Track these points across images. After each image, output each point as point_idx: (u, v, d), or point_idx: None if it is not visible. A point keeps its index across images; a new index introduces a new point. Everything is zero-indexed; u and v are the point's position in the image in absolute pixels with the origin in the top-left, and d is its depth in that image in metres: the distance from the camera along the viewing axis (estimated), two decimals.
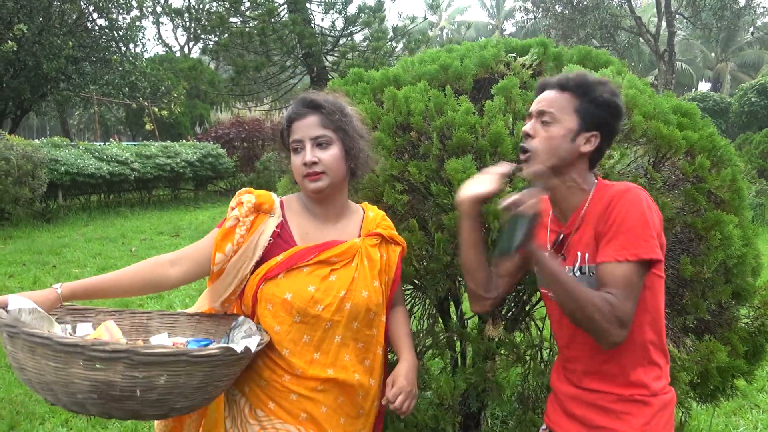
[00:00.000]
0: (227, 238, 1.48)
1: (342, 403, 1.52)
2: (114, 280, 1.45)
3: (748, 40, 38.16)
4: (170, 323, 1.67)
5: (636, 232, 1.30)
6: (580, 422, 1.44)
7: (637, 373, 1.39)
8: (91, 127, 34.84)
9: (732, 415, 3.37)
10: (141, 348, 1.23)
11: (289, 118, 1.52)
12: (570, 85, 1.42)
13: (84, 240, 8.84)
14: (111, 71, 17.39)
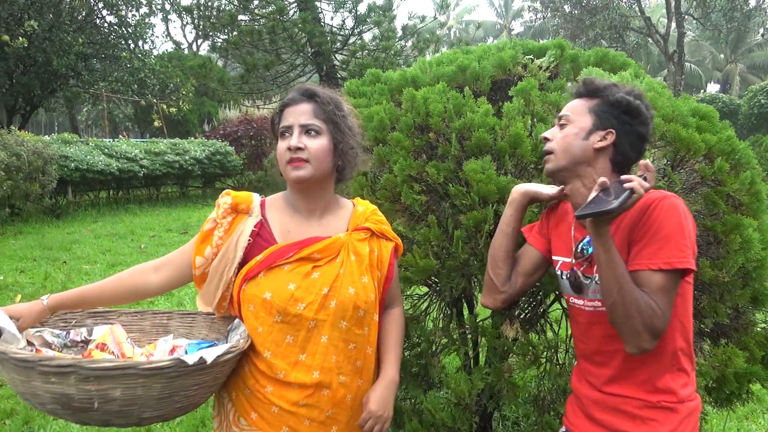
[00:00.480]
0: (206, 241, 1.47)
1: (335, 415, 1.46)
2: (98, 289, 1.48)
3: (758, 42, 37.95)
4: (189, 323, 1.69)
5: (672, 241, 1.29)
6: (602, 426, 1.44)
7: (665, 380, 1.39)
8: (99, 124, 34.98)
9: (744, 419, 3.36)
10: (87, 362, 1.22)
11: (283, 104, 1.50)
12: (584, 89, 1.49)
13: (93, 236, 8.88)
14: (120, 68, 17.44)
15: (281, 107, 1.50)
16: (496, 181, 1.85)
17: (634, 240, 1.34)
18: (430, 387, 2.07)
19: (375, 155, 2.14)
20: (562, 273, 1.52)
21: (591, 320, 1.45)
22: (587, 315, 1.46)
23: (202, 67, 14.70)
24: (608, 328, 1.37)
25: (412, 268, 1.92)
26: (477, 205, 1.88)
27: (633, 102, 1.43)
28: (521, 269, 1.63)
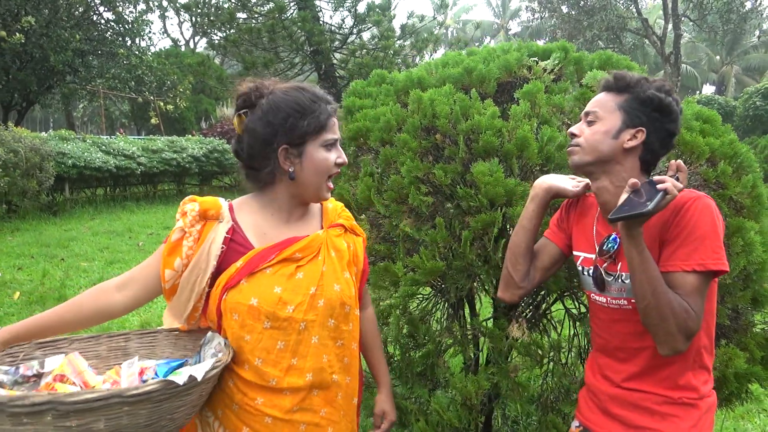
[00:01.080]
0: (175, 252, 1.37)
1: (328, 414, 1.45)
2: (58, 315, 1.35)
3: (753, 44, 38.13)
4: (149, 343, 1.55)
5: (707, 242, 1.29)
6: (619, 422, 1.45)
7: (687, 377, 1.40)
8: (94, 121, 34.86)
9: (740, 419, 3.40)
10: (64, 396, 1.11)
11: (329, 114, 1.43)
12: (615, 83, 1.45)
13: (91, 233, 8.87)
14: (117, 65, 17.41)
15: (326, 117, 1.42)
16: (504, 183, 1.87)
17: (667, 240, 1.33)
18: (435, 387, 2.10)
19: (381, 156, 2.16)
20: (584, 269, 1.52)
21: (614, 317, 1.45)
22: (610, 312, 1.46)
23: (201, 65, 14.68)
24: (634, 326, 1.39)
25: (419, 269, 1.94)
26: (485, 207, 1.90)
27: (665, 99, 1.40)
28: (540, 264, 1.63)
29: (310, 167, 1.42)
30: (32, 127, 36.19)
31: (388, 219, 2.11)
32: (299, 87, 1.44)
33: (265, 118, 1.40)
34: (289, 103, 1.40)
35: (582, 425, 1.58)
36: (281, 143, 1.40)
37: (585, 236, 1.53)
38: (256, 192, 1.49)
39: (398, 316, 2.00)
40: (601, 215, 1.51)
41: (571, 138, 1.48)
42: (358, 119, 2.28)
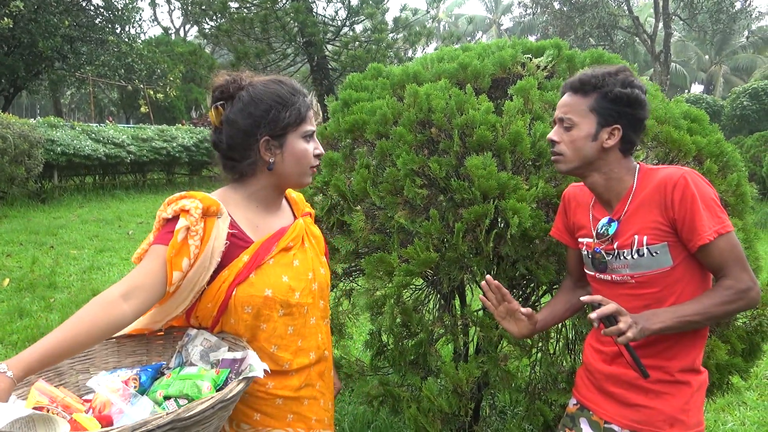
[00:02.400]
0: (182, 252, 1.32)
1: (320, 387, 1.55)
2: (70, 337, 1.19)
3: (742, 44, 38.48)
4: (83, 356, 1.42)
5: (715, 209, 1.40)
6: (615, 399, 1.54)
7: (690, 356, 1.49)
8: (82, 108, 34.49)
9: (721, 411, 3.49)
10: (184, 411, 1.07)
11: (307, 106, 1.47)
12: (581, 85, 1.51)
13: (80, 221, 8.84)
14: (107, 52, 17.25)
15: (306, 109, 1.46)
16: (497, 177, 1.92)
17: (677, 219, 1.41)
18: (427, 375, 2.15)
19: (377, 149, 2.19)
20: (587, 253, 1.60)
21: (618, 292, 1.51)
22: (614, 286, 1.53)
23: (192, 54, 14.58)
24: (637, 300, 1.48)
25: (413, 260, 1.98)
26: (478, 200, 1.94)
27: (632, 94, 1.47)
28: (577, 271, 1.73)
29: (291, 158, 1.44)
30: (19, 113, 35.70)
31: (383, 210, 2.15)
32: (278, 80, 1.47)
33: (246, 109, 1.41)
34: (271, 95, 1.42)
35: (579, 403, 1.66)
36: (263, 134, 1.41)
37: (585, 223, 1.61)
38: (233, 184, 1.50)
39: (392, 305, 2.04)
40: (597, 202, 1.59)
41: (551, 145, 1.56)
42: (354, 112, 2.31)
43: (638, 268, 1.47)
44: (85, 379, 1.40)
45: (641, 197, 1.48)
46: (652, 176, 1.48)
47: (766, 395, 3.75)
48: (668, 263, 1.44)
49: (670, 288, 1.46)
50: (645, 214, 1.46)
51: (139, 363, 1.47)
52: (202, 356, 1.39)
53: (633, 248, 1.47)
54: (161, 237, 1.35)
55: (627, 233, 1.49)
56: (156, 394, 1.29)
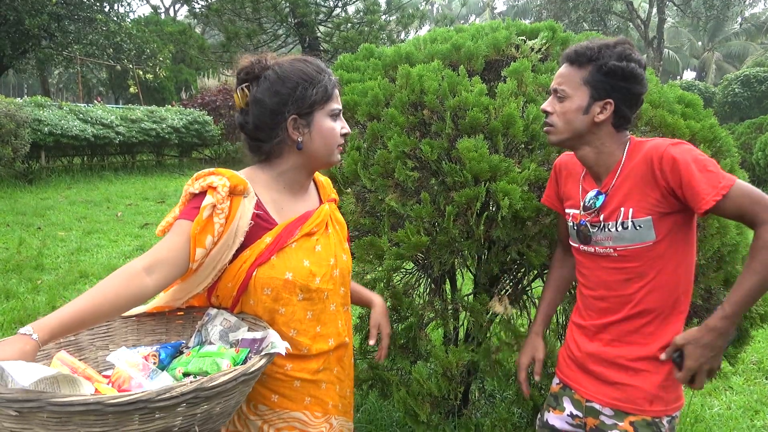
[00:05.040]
0: (206, 230, 1.31)
1: (338, 373, 1.55)
2: (94, 306, 1.18)
3: (735, 31, 38.49)
4: (104, 333, 1.44)
5: (710, 170, 1.35)
6: (597, 378, 1.55)
7: (670, 334, 1.48)
8: (70, 87, 34.05)
9: (708, 395, 3.52)
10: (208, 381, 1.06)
11: (334, 84, 1.45)
12: (576, 57, 1.49)
13: (68, 203, 8.75)
14: (95, 31, 16.93)
15: (332, 87, 1.44)
16: (488, 159, 1.89)
17: (676, 187, 1.37)
18: (417, 359, 2.14)
19: (369, 131, 2.16)
20: (573, 224, 1.60)
21: (602, 264, 1.53)
22: (597, 259, 1.54)
23: (182, 34, 14.37)
24: (620, 273, 1.49)
25: (404, 243, 1.96)
26: (469, 183, 1.92)
27: (627, 67, 1.44)
28: (567, 239, 1.72)
29: (319, 137, 1.43)
30: (5, 92, 35.18)
31: (374, 193, 2.13)
32: (303, 59, 1.45)
33: (272, 88, 1.40)
34: (297, 72, 1.41)
35: (562, 382, 1.67)
36: (291, 113, 1.40)
37: (574, 194, 1.61)
38: (260, 164, 1.48)
39: (382, 289, 2.03)
40: (587, 174, 1.58)
41: (545, 115, 1.56)
42: (346, 93, 2.27)
43: (621, 241, 1.47)
44: (104, 355, 1.40)
45: (628, 170, 1.47)
46: (639, 148, 1.47)
47: (753, 380, 3.79)
48: (651, 238, 1.44)
49: (651, 263, 1.46)
50: (632, 187, 1.46)
51: (159, 342, 1.47)
52: (221, 336, 1.40)
53: (618, 220, 1.47)
54: (187, 212, 1.34)
55: (613, 205, 1.48)
56: (175, 371, 1.29)
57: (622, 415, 1.50)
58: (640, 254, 1.46)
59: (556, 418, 1.66)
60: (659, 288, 1.47)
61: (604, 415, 1.53)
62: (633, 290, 1.49)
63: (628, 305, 1.50)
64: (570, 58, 1.50)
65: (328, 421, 1.52)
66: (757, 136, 13.57)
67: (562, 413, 1.64)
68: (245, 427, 1.46)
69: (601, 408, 1.54)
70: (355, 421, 2.84)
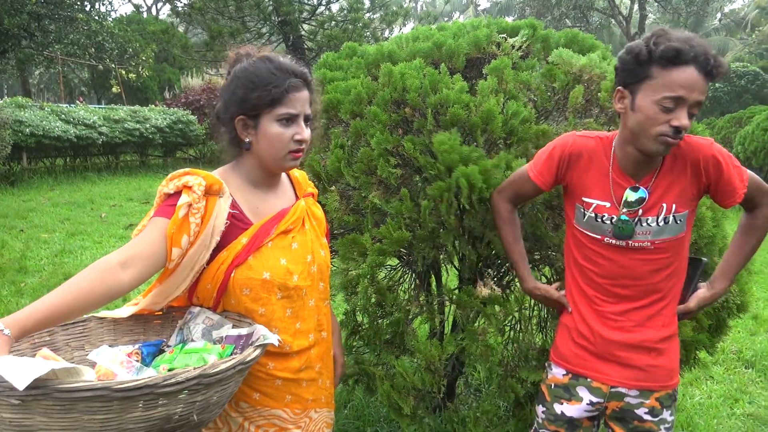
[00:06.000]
0: (182, 229, 1.31)
1: (320, 369, 1.57)
2: (68, 302, 1.16)
3: (715, 26, 38.92)
4: (79, 333, 1.42)
5: (736, 165, 1.53)
6: (621, 364, 1.61)
7: (674, 310, 1.62)
8: (51, 88, 33.63)
9: (689, 385, 3.59)
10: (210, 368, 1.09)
11: (288, 87, 1.38)
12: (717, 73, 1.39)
13: (51, 204, 8.66)
14: (76, 30, 16.72)
15: (285, 91, 1.38)
16: (459, 150, 1.91)
17: (713, 181, 1.52)
18: (402, 353, 2.16)
19: (352, 128, 2.18)
20: (597, 216, 1.58)
21: (634, 257, 1.56)
22: (630, 252, 1.56)
23: (164, 33, 14.26)
24: (652, 264, 1.56)
25: (386, 239, 1.99)
26: (443, 175, 1.94)
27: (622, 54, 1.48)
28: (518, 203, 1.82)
29: (264, 141, 1.40)
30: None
31: (358, 190, 2.15)
32: (266, 57, 1.42)
33: (229, 85, 1.42)
34: (246, 73, 1.39)
35: (571, 372, 1.68)
36: (237, 113, 1.40)
37: (600, 186, 1.58)
38: (232, 163, 1.50)
39: (366, 285, 2.05)
40: (618, 167, 1.56)
41: (676, 132, 1.41)
42: (329, 91, 2.29)
43: (660, 235, 1.54)
44: (80, 355, 1.39)
45: (671, 166, 1.52)
46: (678, 145, 1.49)
47: (733, 369, 3.87)
48: (684, 230, 1.54)
49: (677, 253, 1.57)
50: (674, 183, 1.52)
51: (136, 342, 1.46)
52: (204, 334, 1.40)
53: (660, 215, 1.52)
54: (163, 210, 1.33)
55: (655, 201, 1.53)
56: (159, 368, 1.29)
57: (649, 393, 1.60)
58: (673, 245, 1.55)
59: (573, 408, 1.67)
60: (677, 273, 1.59)
61: (630, 397, 1.61)
62: (660, 278, 1.56)
63: (653, 293, 1.57)
64: (711, 73, 1.37)
65: (307, 415, 1.55)
66: (736, 130, 13.79)
67: (580, 403, 1.66)
68: (226, 424, 1.48)
69: (627, 391, 1.61)
70: (342, 417, 2.87)
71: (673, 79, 1.35)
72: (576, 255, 1.67)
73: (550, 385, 1.73)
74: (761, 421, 3.18)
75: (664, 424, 1.61)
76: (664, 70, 1.37)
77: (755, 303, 5.32)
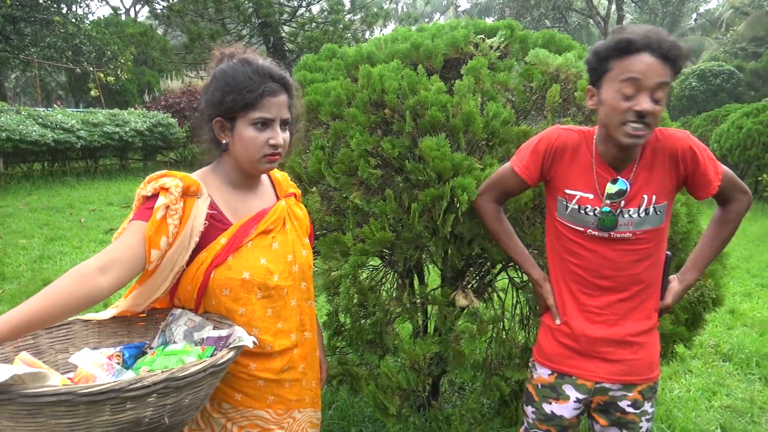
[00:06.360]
0: (161, 231, 1.31)
1: (303, 369, 1.57)
2: (46, 308, 1.16)
3: (690, 26, 39.52)
4: (63, 336, 1.43)
5: (711, 157, 1.57)
6: (604, 359, 1.63)
7: (656, 300, 1.65)
8: (27, 92, 33.11)
9: (668, 379, 3.65)
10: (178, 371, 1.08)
11: (263, 91, 1.38)
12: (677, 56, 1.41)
13: (29, 210, 8.53)
14: (53, 33, 16.53)
15: (261, 95, 1.38)
16: (450, 158, 1.93)
17: (690, 173, 1.56)
18: (384, 353, 2.17)
19: (332, 130, 2.19)
20: (580, 207, 1.60)
21: (615, 248, 1.59)
22: (611, 243, 1.59)
23: (143, 36, 14.12)
24: (633, 254, 1.58)
25: (369, 239, 2.00)
26: (433, 181, 1.96)
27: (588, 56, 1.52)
28: (503, 201, 1.83)
29: (239, 143, 1.41)
30: None
31: (339, 191, 2.15)
32: (245, 60, 1.42)
33: (208, 87, 1.43)
34: (224, 75, 1.40)
35: (556, 372, 1.70)
36: (214, 115, 1.41)
37: (583, 178, 1.60)
38: (212, 165, 1.50)
39: (348, 285, 2.05)
40: (600, 160, 1.58)
41: (640, 116, 1.42)
42: (309, 93, 2.29)
43: (641, 225, 1.56)
44: (64, 358, 1.39)
45: (650, 158, 1.56)
46: (656, 137, 1.55)
47: (711, 363, 3.94)
48: (663, 221, 1.58)
49: (658, 243, 1.60)
50: (654, 175, 1.55)
51: (121, 344, 1.46)
52: (186, 335, 1.40)
53: (641, 207, 1.55)
54: (140, 213, 1.33)
55: (636, 192, 1.56)
56: (140, 370, 1.30)
57: (631, 387, 1.63)
58: (653, 236, 1.58)
59: (562, 407, 1.69)
60: (657, 264, 1.63)
61: (613, 390, 1.64)
62: (641, 269, 1.59)
63: (635, 284, 1.60)
64: (670, 55, 1.40)
65: (291, 415, 1.55)
66: (713, 128, 14.01)
67: (567, 401, 1.68)
68: (208, 425, 1.48)
69: (610, 385, 1.64)
70: (326, 418, 2.87)
71: (627, 66, 1.41)
72: (558, 249, 1.69)
73: (537, 385, 1.74)
74: (738, 413, 3.24)
75: (645, 416, 1.65)
76: (619, 61, 1.43)
77: (731, 297, 5.42)
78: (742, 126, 11.79)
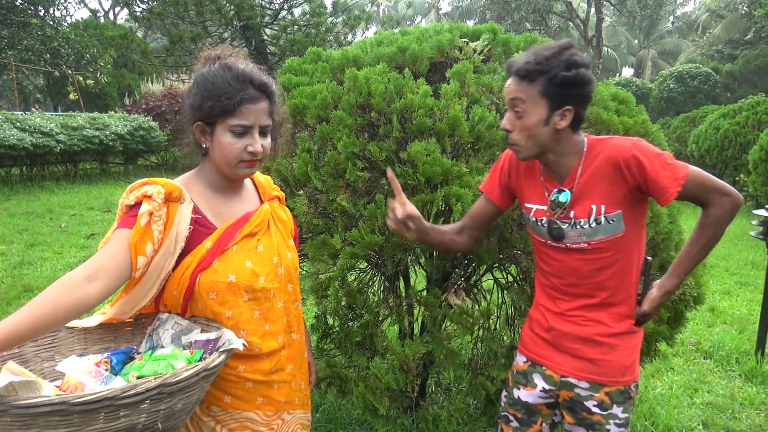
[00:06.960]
0: (146, 237, 1.31)
1: (292, 370, 1.58)
2: (33, 319, 1.14)
3: (668, 29, 40.14)
4: (48, 343, 1.42)
5: (668, 164, 1.49)
6: (572, 355, 1.65)
7: (630, 305, 1.64)
8: (5, 95, 32.54)
9: (651, 377, 3.70)
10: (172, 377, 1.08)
11: (241, 99, 1.37)
12: (526, 73, 1.49)
13: (8, 215, 8.40)
14: (30, 36, 16.30)
15: (239, 102, 1.37)
16: (440, 163, 1.95)
17: (642, 183, 1.50)
18: (373, 355, 2.18)
19: (318, 133, 2.20)
20: (537, 220, 1.65)
21: (574, 257, 1.61)
22: (569, 253, 1.61)
23: (123, 38, 13.96)
24: (593, 264, 1.59)
25: (358, 243, 2.01)
26: (422, 186, 1.98)
27: (579, 75, 1.48)
28: (480, 225, 1.80)
29: (218, 149, 1.41)
30: None
31: (326, 194, 2.16)
32: (225, 65, 1.41)
33: (190, 90, 1.43)
34: (204, 80, 1.40)
35: (530, 360, 1.75)
36: (195, 119, 1.41)
37: (535, 190, 1.66)
38: (195, 170, 1.51)
39: (336, 288, 2.06)
40: (547, 175, 1.63)
41: (507, 134, 1.57)
42: (294, 96, 2.30)
43: (595, 235, 1.56)
44: (50, 366, 1.38)
45: (593, 168, 1.54)
46: (598, 147, 1.55)
47: (692, 360, 4.01)
48: (621, 229, 1.55)
49: (620, 251, 1.58)
50: (600, 185, 1.54)
51: (107, 350, 1.45)
52: (173, 339, 1.40)
53: (591, 217, 1.55)
54: (125, 221, 1.33)
55: (583, 203, 1.56)
56: (128, 376, 1.29)
57: (598, 387, 1.63)
58: (612, 245, 1.57)
59: (528, 394, 1.73)
60: (626, 271, 1.61)
61: (580, 388, 1.65)
62: (605, 277, 1.59)
63: (601, 290, 1.61)
64: (520, 73, 1.50)
65: (280, 417, 1.56)
66: (691, 129, 14.24)
67: (534, 389, 1.72)
68: (198, 429, 1.48)
69: (576, 382, 1.65)
70: (314, 420, 2.87)
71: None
72: (535, 256, 1.76)
73: (514, 371, 1.80)
74: (720, 409, 3.30)
75: (614, 419, 1.63)
76: None
77: (711, 296, 5.52)
78: (719, 127, 11.98)
